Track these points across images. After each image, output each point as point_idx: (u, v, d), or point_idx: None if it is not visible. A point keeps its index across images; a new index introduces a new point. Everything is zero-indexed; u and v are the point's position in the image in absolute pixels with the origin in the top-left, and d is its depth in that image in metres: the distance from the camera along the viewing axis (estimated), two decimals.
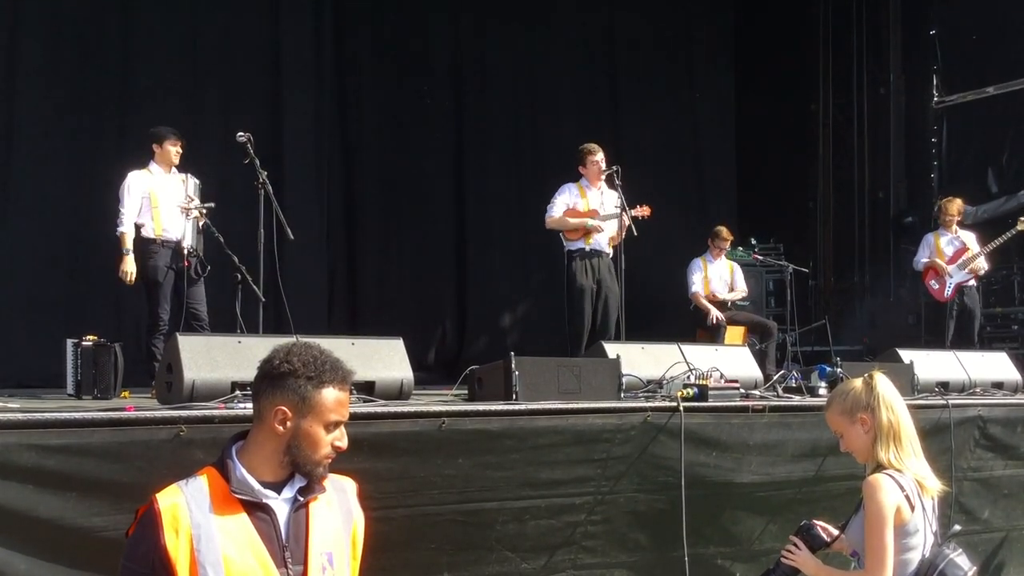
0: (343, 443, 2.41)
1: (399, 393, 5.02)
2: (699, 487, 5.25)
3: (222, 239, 6.65)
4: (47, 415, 3.70)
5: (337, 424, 2.39)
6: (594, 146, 7.96)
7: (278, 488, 2.37)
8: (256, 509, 2.32)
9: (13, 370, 7.63)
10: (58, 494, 3.66)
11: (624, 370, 5.54)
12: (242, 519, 2.30)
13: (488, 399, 5.16)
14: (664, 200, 11.13)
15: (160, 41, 9.25)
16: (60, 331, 6.41)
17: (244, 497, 2.31)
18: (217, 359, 4.55)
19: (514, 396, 5.04)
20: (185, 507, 2.27)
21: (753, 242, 11.23)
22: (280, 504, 2.36)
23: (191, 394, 4.41)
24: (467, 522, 4.71)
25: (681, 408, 5.16)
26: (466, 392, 5.57)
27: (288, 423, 2.34)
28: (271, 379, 2.38)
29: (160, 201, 6.76)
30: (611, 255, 7.90)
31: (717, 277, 9.39)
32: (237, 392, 4.45)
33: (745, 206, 12.62)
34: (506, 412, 4.80)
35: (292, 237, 6.29)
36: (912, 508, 3.26)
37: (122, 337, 6.13)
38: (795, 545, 3.44)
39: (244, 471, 2.34)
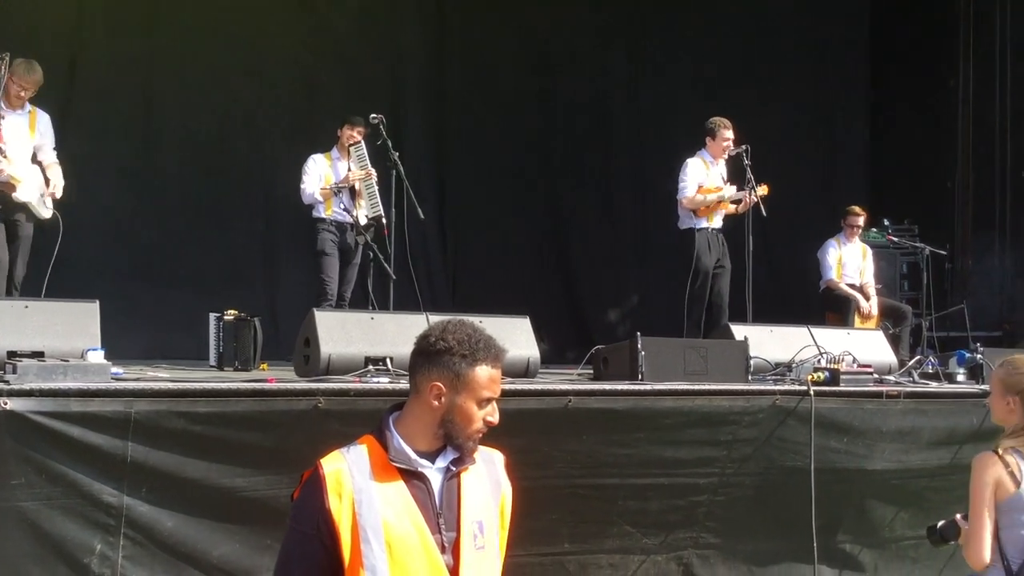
0: (494, 418, 2.48)
1: (526, 371, 5.10)
2: (829, 473, 5.19)
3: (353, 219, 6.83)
4: (196, 385, 3.91)
5: (489, 400, 2.46)
6: (727, 121, 7.67)
7: (432, 457, 2.45)
8: (412, 477, 2.41)
9: (157, 343, 8.01)
10: (203, 458, 3.87)
11: (752, 352, 5.50)
12: (399, 486, 2.38)
13: (613, 379, 5.19)
14: (791, 179, 10.84)
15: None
16: (201, 305, 6.71)
17: (401, 466, 2.40)
18: (351, 334, 4.72)
19: (640, 376, 5.06)
20: (348, 472, 2.37)
21: (886, 223, 10.80)
22: (434, 473, 2.44)
23: (327, 367, 4.59)
24: (589, 496, 4.77)
25: (811, 392, 5.10)
26: (591, 371, 5.60)
27: (443, 398, 2.41)
28: (427, 355, 2.44)
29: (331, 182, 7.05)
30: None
31: (850, 261, 9.10)
32: (370, 367, 4.61)
33: (878, 186, 12.16)
34: (632, 392, 4.83)
35: (423, 216, 6.41)
36: (1018, 483, 3.30)
37: (259, 311, 6.35)
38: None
39: (401, 441, 2.42)
